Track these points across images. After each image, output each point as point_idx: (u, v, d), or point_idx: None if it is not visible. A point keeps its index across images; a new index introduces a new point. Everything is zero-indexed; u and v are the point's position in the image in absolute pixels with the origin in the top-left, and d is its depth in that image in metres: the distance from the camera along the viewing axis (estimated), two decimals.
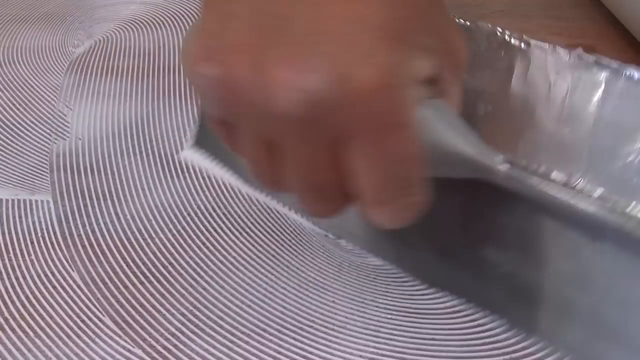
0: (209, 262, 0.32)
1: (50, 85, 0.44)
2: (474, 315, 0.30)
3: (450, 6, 0.49)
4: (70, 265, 0.32)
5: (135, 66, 0.46)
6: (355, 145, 0.22)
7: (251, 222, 0.34)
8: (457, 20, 0.30)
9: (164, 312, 0.29)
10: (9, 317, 0.29)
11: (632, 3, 0.47)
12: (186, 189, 0.36)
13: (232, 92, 0.22)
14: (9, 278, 0.31)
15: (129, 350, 0.28)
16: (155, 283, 0.31)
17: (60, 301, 0.30)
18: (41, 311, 0.29)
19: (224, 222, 0.34)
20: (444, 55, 0.24)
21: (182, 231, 0.33)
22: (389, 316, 0.30)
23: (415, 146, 0.23)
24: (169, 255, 0.32)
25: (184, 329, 0.29)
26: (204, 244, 0.33)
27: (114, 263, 0.32)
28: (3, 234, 0.33)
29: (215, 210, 0.35)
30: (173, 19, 0.51)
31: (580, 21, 0.52)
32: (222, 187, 0.36)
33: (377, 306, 0.30)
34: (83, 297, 0.30)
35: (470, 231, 0.29)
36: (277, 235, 0.33)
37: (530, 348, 0.28)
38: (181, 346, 0.28)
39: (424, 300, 0.30)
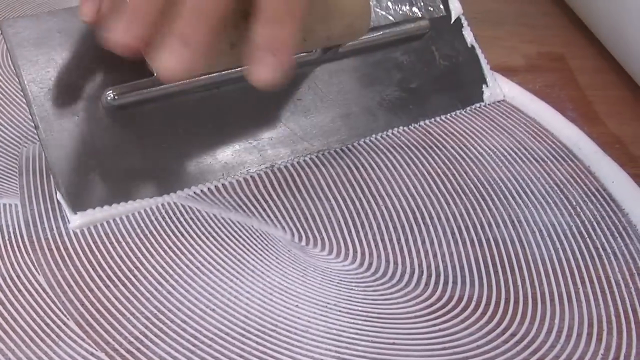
0: (174, 266, 0.32)
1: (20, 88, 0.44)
2: (435, 320, 0.30)
3: None
4: (36, 269, 0.32)
5: None
6: None
7: (217, 227, 0.34)
8: None
9: (129, 315, 0.30)
10: None
11: (602, 11, 0.47)
12: None
13: None
14: None
15: (92, 354, 0.28)
16: (120, 286, 0.31)
17: (25, 304, 0.30)
18: (5, 314, 0.30)
19: (190, 226, 0.34)
20: None
21: (148, 235, 0.34)
22: (352, 321, 0.30)
23: None
24: (134, 259, 0.32)
25: (147, 332, 0.29)
26: (170, 247, 0.33)
27: (79, 266, 0.32)
28: None
29: (182, 214, 0.35)
30: None
31: (551, 29, 0.53)
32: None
33: (340, 310, 0.30)
34: (48, 300, 0.30)
35: None
36: (243, 239, 0.34)
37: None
38: (144, 349, 0.28)
39: (386, 304, 0.31)
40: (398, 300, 0.31)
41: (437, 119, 0.41)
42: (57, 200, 0.34)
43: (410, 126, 0.40)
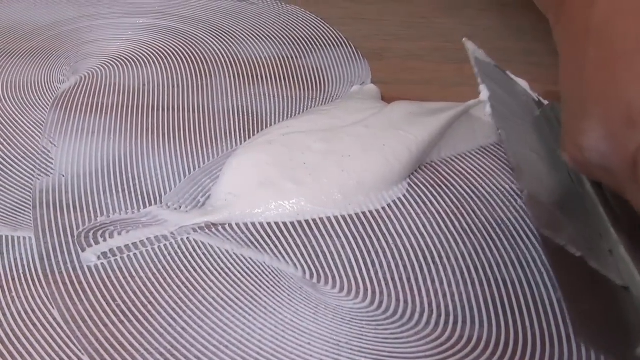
0: (187, 302, 0.32)
1: (35, 121, 0.45)
2: None
3: (432, 48, 0.50)
4: (50, 303, 0.32)
5: (120, 103, 0.46)
6: None
7: (230, 263, 0.35)
8: None
9: (142, 351, 0.30)
10: None
11: None
12: None
13: None
14: None
15: None
16: (135, 322, 0.31)
17: (40, 339, 0.31)
18: (20, 349, 0.30)
19: (203, 262, 0.35)
20: None
21: (162, 270, 0.34)
22: (363, 359, 0.30)
23: None
24: (148, 294, 0.33)
25: None
26: (183, 283, 0.33)
27: (94, 301, 0.32)
28: None
29: (195, 250, 0.35)
30: (158, 56, 0.52)
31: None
32: (203, 228, 0.37)
33: (351, 349, 0.31)
34: (62, 334, 0.31)
35: None
36: (255, 276, 0.34)
37: None
38: None
39: (397, 343, 0.31)
40: (409, 340, 0.32)
41: (447, 158, 0.42)
42: (72, 234, 0.35)
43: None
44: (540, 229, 0.30)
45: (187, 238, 0.36)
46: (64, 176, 0.40)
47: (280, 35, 0.56)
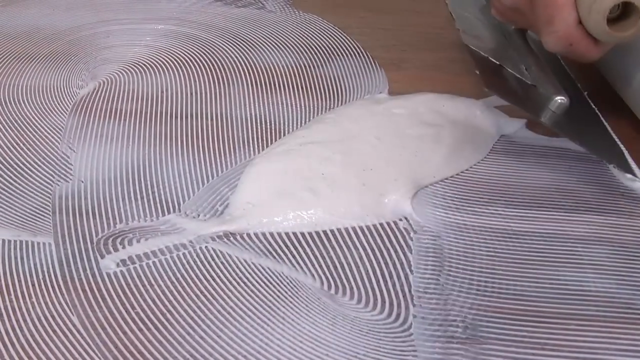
0: (206, 311, 0.33)
1: (54, 126, 0.45)
2: None
3: (450, 59, 0.50)
4: (70, 309, 0.32)
5: (138, 110, 0.47)
6: None
7: (248, 272, 0.35)
8: None
9: (161, 359, 0.30)
10: (8, 359, 0.29)
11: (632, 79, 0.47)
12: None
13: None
14: (10, 320, 0.32)
15: None
16: (154, 330, 0.31)
17: (60, 345, 0.31)
18: (41, 355, 0.30)
19: (221, 271, 0.35)
20: None
21: (180, 278, 0.34)
22: None
23: None
24: (167, 303, 0.33)
25: None
26: (201, 292, 0.34)
27: (113, 308, 0.33)
28: (5, 275, 0.34)
29: (213, 259, 0.35)
30: (176, 63, 0.52)
31: None
32: (221, 237, 0.37)
33: None
34: (82, 341, 0.31)
35: None
36: (274, 286, 0.34)
37: None
38: None
39: (414, 357, 0.31)
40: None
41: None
42: (91, 241, 0.35)
43: None
44: (471, 48, 0.49)
45: (206, 247, 0.36)
46: (82, 182, 0.40)
47: (298, 44, 0.56)
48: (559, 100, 0.41)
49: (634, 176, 0.41)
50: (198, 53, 0.54)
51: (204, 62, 0.53)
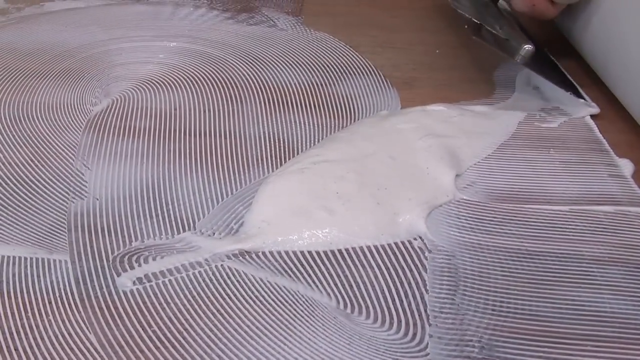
0: (223, 330, 0.33)
1: (68, 143, 0.45)
2: None
3: (462, 79, 0.50)
4: (87, 327, 0.32)
5: (152, 127, 0.47)
6: None
7: (264, 291, 0.35)
8: None
9: None
10: None
11: (634, 85, 0.48)
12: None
13: None
14: (27, 338, 0.32)
15: None
16: (171, 348, 0.32)
17: None
18: None
19: (237, 290, 0.35)
20: None
21: (197, 297, 0.34)
22: None
23: None
24: (184, 321, 0.33)
25: None
26: (218, 310, 0.34)
27: (130, 326, 0.33)
28: (22, 292, 0.34)
29: (229, 277, 0.35)
30: (189, 81, 0.52)
31: None
32: (236, 255, 0.37)
33: None
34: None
35: None
36: (290, 305, 0.34)
37: None
38: None
39: None
40: None
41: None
42: (107, 258, 0.35)
43: None
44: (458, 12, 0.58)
45: (221, 265, 0.36)
46: (98, 200, 0.40)
47: (309, 63, 0.56)
48: (527, 48, 0.52)
49: (585, 100, 0.53)
50: (211, 71, 0.54)
51: (216, 79, 0.53)
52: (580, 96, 0.54)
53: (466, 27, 0.57)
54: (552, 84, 0.54)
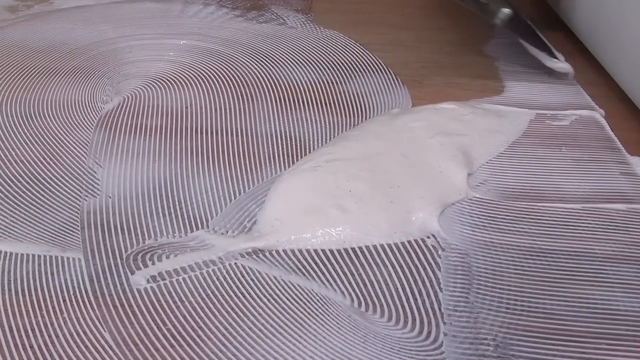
0: (237, 328, 0.33)
1: (79, 141, 0.45)
2: None
3: (472, 76, 0.50)
4: (102, 325, 0.32)
5: (163, 125, 0.47)
6: None
7: (278, 289, 0.35)
8: None
9: None
10: None
11: None
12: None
13: None
14: (42, 336, 0.32)
15: None
16: (186, 346, 0.32)
17: None
18: None
19: (251, 288, 0.35)
20: None
21: (211, 295, 0.34)
22: None
23: None
24: (198, 319, 0.33)
25: None
26: (232, 309, 0.34)
27: (144, 324, 0.33)
28: (36, 290, 0.34)
29: (243, 275, 0.35)
30: (199, 79, 0.52)
31: (594, 99, 0.53)
32: (250, 253, 0.37)
33: None
34: (115, 358, 0.31)
35: None
36: (304, 303, 0.34)
37: None
38: None
39: None
40: None
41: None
42: (120, 256, 0.35)
43: None
44: None
45: (235, 263, 0.36)
46: (110, 197, 0.40)
47: (320, 61, 0.56)
48: (505, 11, 0.56)
49: (557, 59, 0.58)
50: (221, 69, 0.54)
51: (227, 77, 0.53)
52: (553, 56, 0.58)
53: None
54: (528, 44, 0.58)
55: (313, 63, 0.56)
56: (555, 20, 0.64)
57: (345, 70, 0.55)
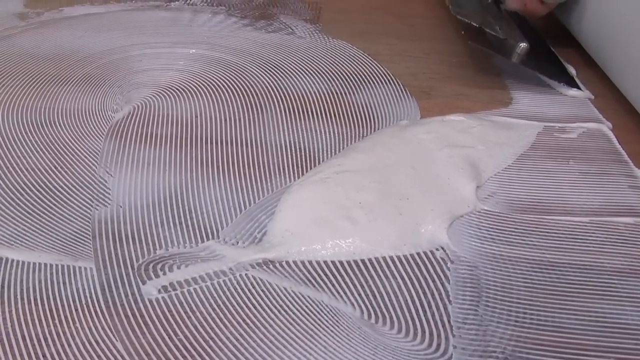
0: (249, 339, 0.33)
1: (90, 149, 0.45)
2: None
3: (479, 88, 0.51)
4: (114, 335, 0.33)
5: (173, 135, 0.47)
6: None
7: (289, 300, 0.35)
8: None
9: None
10: None
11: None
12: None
13: None
14: (55, 345, 0.32)
15: None
16: (198, 358, 0.32)
17: None
18: None
19: (262, 299, 0.35)
20: None
21: (222, 306, 0.34)
22: None
23: None
24: (209, 330, 0.33)
25: None
26: (243, 320, 0.34)
27: (156, 335, 0.33)
28: (48, 299, 0.34)
29: (254, 286, 0.36)
30: (209, 88, 0.53)
31: (601, 112, 0.54)
32: (260, 264, 0.37)
33: None
34: None
35: None
36: (314, 314, 0.34)
37: None
38: None
39: None
40: None
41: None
42: (132, 266, 0.35)
43: None
44: (457, 17, 0.60)
45: (246, 274, 0.36)
46: (121, 207, 0.40)
47: (328, 71, 0.57)
48: (522, 45, 0.56)
49: (579, 89, 0.57)
50: (230, 78, 0.54)
51: (236, 87, 0.53)
52: (575, 85, 0.58)
53: (463, 33, 0.60)
54: (547, 77, 0.58)
55: (321, 73, 0.56)
56: (563, 32, 0.64)
57: (354, 81, 0.55)
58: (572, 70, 0.60)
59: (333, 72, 0.57)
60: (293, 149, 0.47)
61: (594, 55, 0.59)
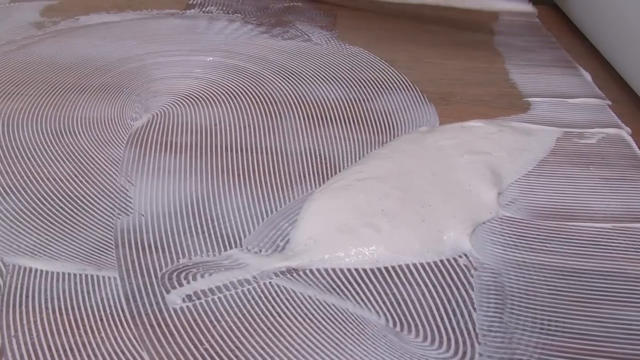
0: (275, 348, 0.33)
1: (110, 158, 0.45)
2: None
3: (498, 94, 0.51)
4: (139, 345, 0.33)
5: (193, 143, 0.47)
6: None
7: (313, 309, 0.35)
8: None
9: None
10: None
11: None
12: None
13: None
14: (81, 356, 0.32)
15: None
16: None
17: None
18: None
19: (287, 307, 0.35)
20: None
21: (247, 315, 0.34)
22: None
23: None
24: (235, 339, 0.33)
25: None
26: (269, 328, 0.34)
27: (182, 344, 0.33)
28: (73, 309, 0.34)
29: (278, 295, 0.36)
30: (227, 96, 0.53)
31: (620, 117, 0.53)
32: (284, 272, 0.37)
33: None
34: None
35: None
36: (340, 322, 0.34)
37: None
38: None
39: None
40: None
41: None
42: (155, 275, 0.35)
43: None
44: None
45: (270, 282, 0.36)
46: (143, 215, 0.40)
47: (346, 77, 0.57)
48: None
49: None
50: (248, 85, 0.54)
51: (254, 94, 0.53)
52: None
53: None
54: None
55: (339, 80, 0.56)
56: (579, 36, 0.64)
57: (372, 88, 0.55)
58: (587, 77, 0.59)
59: (350, 78, 0.57)
60: (313, 156, 0.47)
61: (612, 59, 0.58)
